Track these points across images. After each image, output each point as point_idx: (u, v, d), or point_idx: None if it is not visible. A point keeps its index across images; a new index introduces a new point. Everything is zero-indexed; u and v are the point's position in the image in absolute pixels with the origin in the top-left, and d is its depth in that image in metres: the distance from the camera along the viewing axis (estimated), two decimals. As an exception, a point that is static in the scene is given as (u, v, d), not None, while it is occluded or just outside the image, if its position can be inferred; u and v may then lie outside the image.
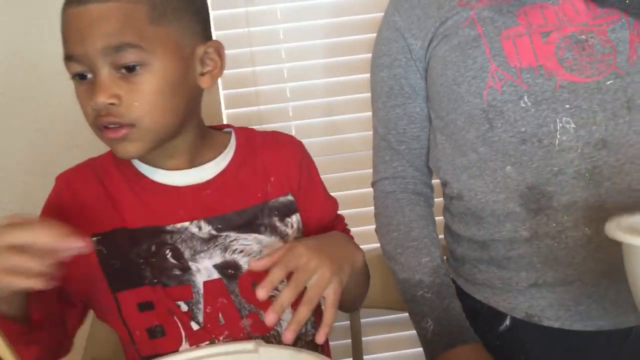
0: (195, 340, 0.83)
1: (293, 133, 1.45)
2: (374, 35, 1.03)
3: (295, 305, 0.73)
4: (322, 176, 1.45)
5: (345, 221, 0.99)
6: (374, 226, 1.04)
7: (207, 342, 0.83)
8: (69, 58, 0.76)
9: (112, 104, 0.75)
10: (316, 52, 1.44)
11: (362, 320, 1.32)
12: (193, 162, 0.86)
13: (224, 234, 0.85)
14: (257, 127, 1.41)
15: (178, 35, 0.79)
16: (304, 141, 1.44)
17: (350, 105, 1.44)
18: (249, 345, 0.75)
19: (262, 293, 0.71)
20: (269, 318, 0.71)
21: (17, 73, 1.32)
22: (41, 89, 1.33)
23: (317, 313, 0.84)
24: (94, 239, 0.82)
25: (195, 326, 0.83)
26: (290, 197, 0.90)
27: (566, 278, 0.87)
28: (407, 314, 0.98)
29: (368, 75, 1.04)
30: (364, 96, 1.07)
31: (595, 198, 0.84)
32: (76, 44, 0.75)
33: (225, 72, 1.43)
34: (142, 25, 0.76)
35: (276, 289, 0.73)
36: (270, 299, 0.82)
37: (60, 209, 0.84)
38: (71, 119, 0.94)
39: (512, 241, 0.89)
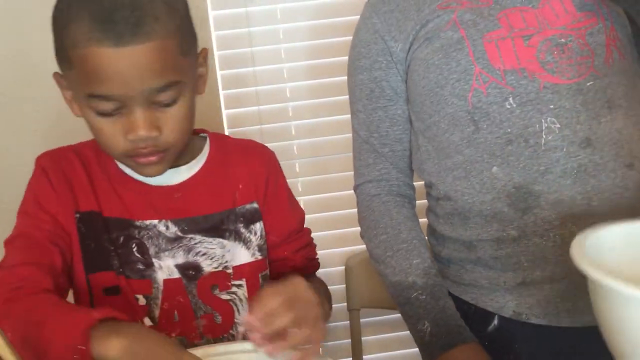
0: None
1: (293, 133, 1.45)
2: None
3: None
4: (323, 176, 1.46)
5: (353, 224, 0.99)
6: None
7: None
8: (100, 97, 0.75)
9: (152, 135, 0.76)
10: (316, 52, 1.43)
11: (361, 320, 1.32)
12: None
13: (189, 235, 0.87)
14: (256, 127, 1.43)
15: (193, 57, 0.82)
16: (303, 141, 1.45)
17: (335, 108, 1.43)
18: (248, 345, 0.75)
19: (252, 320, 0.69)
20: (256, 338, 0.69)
21: (17, 73, 1.31)
22: (41, 89, 1.33)
23: None
24: (77, 215, 0.84)
25: (148, 322, 0.85)
26: (255, 205, 0.91)
27: (553, 276, 0.87)
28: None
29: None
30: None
31: (582, 195, 0.85)
32: (115, 86, 0.73)
33: (225, 72, 1.44)
34: (176, 59, 0.76)
35: None
36: (229, 303, 0.86)
37: (48, 183, 0.85)
38: (71, 119, 0.94)
39: (500, 241, 0.89)
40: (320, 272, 1.51)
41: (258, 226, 0.91)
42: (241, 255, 0.90)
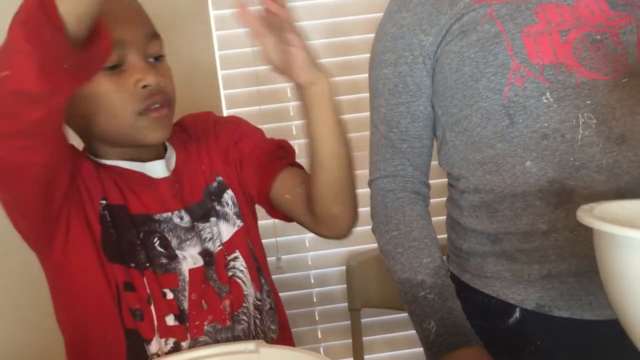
0: (166, 334, 0.85)
1: (294, 133, 1.45)
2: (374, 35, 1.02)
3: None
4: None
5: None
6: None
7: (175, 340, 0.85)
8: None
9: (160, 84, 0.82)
10: (316, 52, 1.43)
11: (362, 320, 1.32)
12: (157, 155, 0.90)
13: (195, 223, 0.89)
14: (259, 127, 1.42)
15: None
16: (305, 141, 1.44)
17: (350, 106, 1.44)
18: (249, 345, 0.75)
19: None
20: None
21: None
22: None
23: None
24: (103, 202, 0.84)
25: (170, 321, 0.85)
26: (219, 178, 0.93)
27: (579, 269, 0.88)
28: (407, 314, 0.97)
29: (367, 75, 1.03)
30: (364, 96, 1.07)
31: (615, 192, 0.85)
32: (126, 29, 0.81)
33: (226, 71, 1.44)
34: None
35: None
36: (234, 278, 0.89)
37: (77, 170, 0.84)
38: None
39: (529, 234, 0.89)
40: (321, 272, 1.52)
41: (226, 196, 0.93)
42: (225, 230, 0.91)
